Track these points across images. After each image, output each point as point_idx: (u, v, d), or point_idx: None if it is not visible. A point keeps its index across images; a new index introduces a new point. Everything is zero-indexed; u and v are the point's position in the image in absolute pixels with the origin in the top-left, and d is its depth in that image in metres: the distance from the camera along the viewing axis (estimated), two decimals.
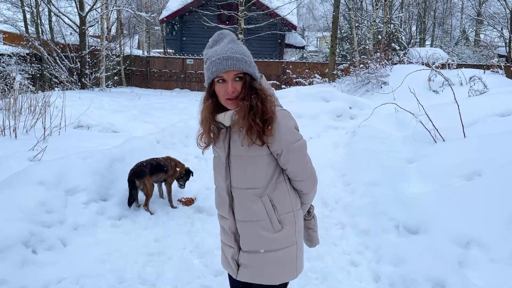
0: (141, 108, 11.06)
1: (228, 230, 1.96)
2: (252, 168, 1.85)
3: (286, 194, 1.91)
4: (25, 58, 15.63)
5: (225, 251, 2.02)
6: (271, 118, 1.77)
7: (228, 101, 1.78)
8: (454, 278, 2.92)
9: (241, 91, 1.76)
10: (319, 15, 38.97)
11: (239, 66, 1.72)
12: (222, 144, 1.91)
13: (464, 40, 28.57)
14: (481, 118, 5.57)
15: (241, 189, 1.88)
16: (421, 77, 9.38)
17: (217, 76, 1.74)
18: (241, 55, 1.74)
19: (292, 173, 1.90)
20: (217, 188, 2.03)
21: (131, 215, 4.35)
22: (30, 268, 3.14)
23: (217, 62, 1.72)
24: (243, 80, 1.76)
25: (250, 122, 1.75)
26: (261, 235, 1.87)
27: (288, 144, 1.81)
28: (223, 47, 1.76)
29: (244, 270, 1.91)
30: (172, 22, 22.93)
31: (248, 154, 1.82)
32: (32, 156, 5.27)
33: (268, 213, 1.86)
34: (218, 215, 2.06)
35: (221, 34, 1.87)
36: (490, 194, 3.67)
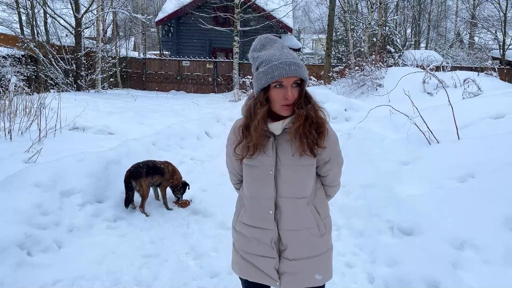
0: (137, 110, 11.05)
1: (268, 241, 1.89)
2: (303, 177, 1.85)
3: (324, 199, 2.00)
4: (20, 59, 15.58)
5: (258, 263, 1.93)
6: (325, 130, 1.81)
7: (284, 107, 1.74)
8: (448, 280, 2.95)
9: (298, 98, 1.74)
10: (314, 18, 39.12)
11: (300, 73, 1.70)
12: (270, 153, 1.83)
13: (458, 43, 28.77)
14: (475, 120, 5.61)
15: (292, 198, 1.85)
16: (416, 80, 9.44)
17: (276, 81, 1.69)
18: (300, 61, 1.73)
19: (330, 179, 1.97)
20: (255, 199, 1.92)
21: (127, 217, 4.34)
22: (25, 270, 3.13)
23: (279, 66, 1.67)
24: (300, 87, 1.75)
25: (305, 133, 1.75)
26: (311, 242, 1.89)
27: (335, 153, 1.91)
28: (281, 52, 1.73)
29: (290, 277, 1.90)
30: (168, 24, 22.93)
31: (300, 163, 1.81)
32: (27, 158, 5.26)
33: (316, 219, 1.91)
34: (245, 227, 1.97)
35: (268, 38, 1.82)
36: (484, 196, 3.69)
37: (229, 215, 4.46)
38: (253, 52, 1.82)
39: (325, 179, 1.97)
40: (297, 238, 1.88)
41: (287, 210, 1.86)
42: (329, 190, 2.02)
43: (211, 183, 5.50)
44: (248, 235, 1.95)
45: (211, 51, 22.82)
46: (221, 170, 6.11)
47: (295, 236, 1.88)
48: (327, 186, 2.00)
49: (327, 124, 1.82)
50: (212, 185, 5.41)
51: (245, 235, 1.97)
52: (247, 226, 1.96)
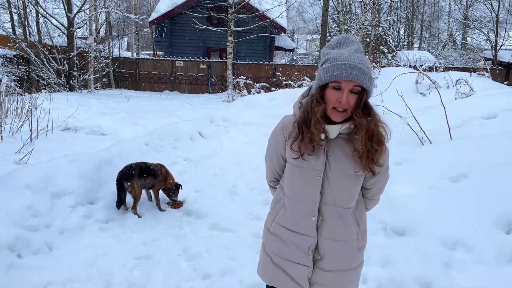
0: (130, 110, 10.99)
1: (305, 248, 1.81)
2: (354, 188, 1.79)
3: (364, 211, 1.93)
4: (12, 60, 15.46)
5: (290, 270, 1.85)
6: (384, 148, 1.73)
7: (334, 110, 1.66)
8: (441, 280, 2.95)
9: (354, 106, 1.64)
10: (308, 18, 39.18)
11: (362, 80, 1.59)
12: (321, 157, 1.75)
13: (451, 43, 28.96)
14: (468, 120, 5.63)
15: (337, 207, 1.78)
16: (409, 80, 9.46)
17: (335, 81, 1.61)
18: (368, 68, 1.61)
19: (373, 192, 1.91)
20: (297, 201, 1.84)
21: (119, 219, 4.31)
22: (15, 273, 3.10)
23: (342, 67, 1.58)
24: (359, 95, 1.64)
25: (365, 146, 1.68)
26: (349, 254, 1.83)
27: (385, 169, 1.83)
28: (351, 54, 1.62)
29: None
30: (162, 24, 22.85)
31: (351, 173, 1.75)
32: (18, 159, 5.21)
33: (357, 231, 1.85)
34: (284, 230, 1.88)
35: (347, 39, 1.73)
36: (476, 196, 3.71)
37: (222, 216, 4.47)
38: (327, 48, 1.74)
39: (369, 191, 1.89)
40: (336, 248, 1.81)
41: (331, 218, 1.79)
42: (369, 204, 1.95)
43: (204, 184, 5.47)
44: (285, 238, 1.87)
45: (205, 51, 22.78)
46: (215, 171, 6.11)
47: (335, 246, 1.81)
48: (368, 199, 1.93)
49: (386, 141, 1.74)
50: (206, 186, 5.39)
51: (281, 238, 1.88)
52: (285, 229, 1.88)
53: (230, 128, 8.62)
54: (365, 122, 1.65)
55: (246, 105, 9.77)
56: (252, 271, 3.39)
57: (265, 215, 4.63)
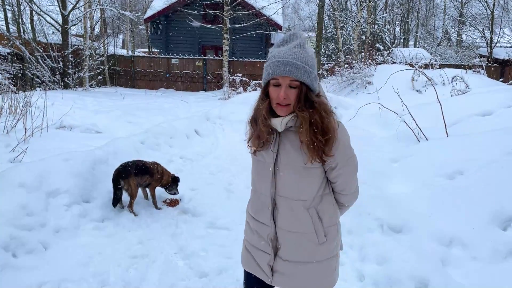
0: (125, 108, 10.93)
1: (265, 237, 1.89)
2: (303, 180, 1.79)
3: (331, 206, 1.89)
4: (6, 57, 15.33)
5: (256, 256, 1.95)
6: (332, 138, 1.71)
7: (278, 106, 1.72)
8: (437, 277, 2.95)
9: (295, 100, 1.69)
10: (304, 15, 39.13)
11: (296, 74, 1.64)
12: (270, 150, 1.82)
13: (446, 41, 29.02)
14: (463, 117, 5.65)
15: (289, 198, 1.82)
16: (405, 77, 9.49)
17: (273, 78, 1.68)
18: (303, 63, 1.65)
19: (339, 186, 1.87)
20: (257, 192, 1.95)
21: (114, 217, 4.28)
22: (10, 273, 3.07)
23: (276, 64, 1.65)
24: (298, 89, 1.68)
25: (312, 139, 1.69)
26: (306, 247, 1.84)
27: (343, 159, 1.79)
28: (288, 50, 1.68)
29: (282, 277, 1.88)
30: (157, 21, 22.75)
31: (301, 165, 1.76)
32: (12, 158, 5.17)
33: (315, 225, 1.83)
34: (252, 219, 1.98)
35: (293, 35, 1.78)
36: (472, 193, 3.72)
37: (218, 214, 4.45)
38: (273, 47, 1.80)
39: (335, 186, 1.88)
40: (291, 239, 1.85)
41: (284, 209, 1.84)
42: (341, 198, 1.92)
43: (200, 182, 5.45)
44: (252, 226, 1.98)
45: (200, 49, 22.71)
46: (211, 169, 6.09)
47: (289, 237, 1.85)
48: (339, 194, 1.91)
49: (335, 131, 1.72)
50: (202, 184, 5.37)
51: (250, 227, 2.00)
52: (252, 218, 1.99)
53: (226, 126, 8.59)
54: (306, 114, 1.67)
55: (242, 102, 9.75)
56: None
57: None
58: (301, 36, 1.77)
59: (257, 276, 1.96)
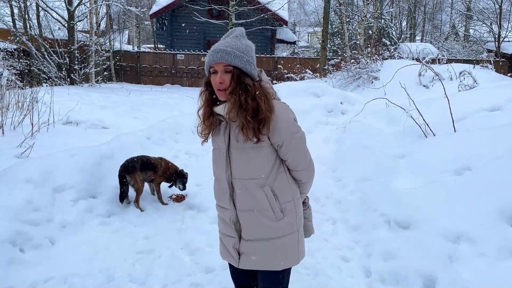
0: (131, 104, 10.94)
1: (228, 220, 2.02)
2: (253, 159, 1.91)
3: (286, 184, 1.99)
4: (13, 53, 15.40)
5: (225, 242, 2.08)
6: (267, 117, 1.82)
7: (218, 92, 1.85)
8: (444, 273, 2.93)
9: (229, 84, 1.81)
10: (310, 10, 38.96)
11: (226, 59, 1.79)
12: (222, 136, 1.96)
13: (454, 35, 28.76)
14: (471, 112, 5.58)
15: (243, 179, 1.94)
16: (412, 72, 9.41)
17: (210, 66, 1.83)
18: (233, 49, 1.80)
19: (292, 163, 1.98)
20: (217, 180, 2.08)
21: (120, 213, 4.30)
22: (17, 268, 3.09)
23: (210, 53, 1.82)
24: (231, 73, 1.81)
25: (242, 119, 1.82)
26: (264, 224, 1.95)
27: (288, 136, 1.89)
28: (223, 41, 1.87)
29: (247, 258, 1.99)
30: (162, 17, 22.72)
31: (247, 145, 1.88)
32: (19, 153, 5.19)
33: (270, 202, 1.94)
34: (217, 207, 2.12)
35: (232, 30, 1.95)
36: (479, 189, 3.68)
37: None
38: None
39: (288, 163, 1.98)
40: (250, 219, 1.96)
41: (240, 190, 1.96)
42: (297, 175, 2.02)
43: (206, 177, 5.43)
44: (219, 214, 2.13)
45: (205, 44, 22.66)
46: None
47: (248, 216, 1.96)
48: (293, 171, 2.01)
49: (271, 112, 1.82)
50: (207, 179, 5.33)
51: (218, 215, 2.14)
52: (217, 205, 2.13)
53: None
54: (234, 97, 1.79)
55: None
56: None
57: None
58: (240, 29, 1.96)
59: (228, 262, 2.08)
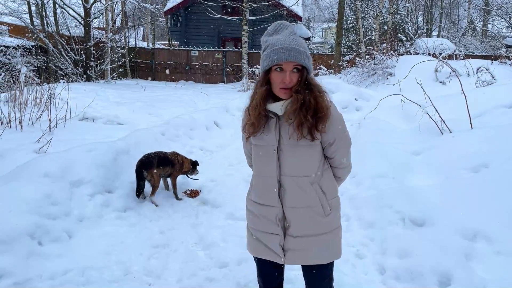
0: (146, 100, 11.05)
1: (273, 218, 1.99)
2: (306, 157, 1.92)
3: (332, 180, 2.06)
4: (31, 50, 15.64)
5: (264, 239, 2.05)
6: (325, 116, 1.86)
7: (282, 90, 1.84)
8: (460, 271, 2.90)
9: (296, 83, 1.82)
10: (324, 6, 38.64)
11: (300, 59, 1.78)
12: (272, 133, 1.93)
13: (471, 31, 28.24)
14: (489, 109, 5.50)
15: (294, 176, 1.94)
16: (428, 68, 9.29)
17: (276, 64, 1.79)
18: (303, 48, 1.81)
19: (337, 160, 2.03)
20: (261, 177, 2.05)
21: (136, 207, 4.35)
22: (35, 260, 3.15)
23: (280, 51, 1.77)
24: (300, 72, 1.82)
25: (301, 117, 1.82)
26: (314, 220, 1.97)
27: (340, 134, 1.96)
28: (286, 38, 1.82)
29: (294, 254, 1.99)
30: (177, 13, 22.83)
31: (300, 143, 1.88)
32: (37, 148, 5.28)
33: (320, 199, 1.97)
34: (255, 205, 2.08)
35: (281, 24, 1.92)
36: (497, 186, 3.63)
37: (237, 205, 4.47)
38: (265, 36, 1.93)
39: (332, 160, 2.03)
40: (300, 215, 1.96)
41: (290, 188, 1.95)
42: (338, 172, 2.08)
43: (220, 173, 5.48)
44: (256, 212, 2.07)
45: (220, 41, 22.70)
46: (230, 160, 6.11)
47: (298, 213, 1.96)
48: (335, 168, 2.06)
49: (328, 109, 1.87)
50: (221, 175, 5.40)
51: (254, 213, 2.09)
52: (255, 204, 2.08)
53: None
54: (300, 96, 1.81)
55: None
56: None
57: None
58: (290, 25, 1.94)
59: (269, 259, 2.06)
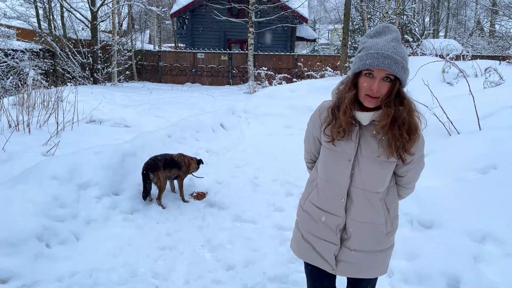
0: (153, 102, 11.09)
1: (334, 227, 1.90)
2: (380, 172, 1.82)
3: (395, 197, 1.96)
4: (38, 53, 15.76)
5: (318, 246, 1.96)
6: (417, 137, 1.75)
7: (367, 97, 1.70)
8: (469, 273, 2.87)
9: (385, 94, 1.68)
10: (330, 7, 38.63)
11: (393, 68, 1.63)
12: (352, 142, 1.81)
13: (478, 31, 28.04)
14: (497, 110, 5.46)
15: (366, 190, 1.83)
16: (435, 69, 9.22)
17: (367, 69, 1.66)
18: (401, 58, 1.65)
19: (406, 180, 1.92)
20: (329, 183, 1.91)
21: (143, 209, 4.36)
22: (43, 262, 3.17)
23: (374, 56, 1.63)
24: (391, 83, 1.67)
25: (394, 134, 1.70)
26: (376, 237, 1.89)
27: (420, 157, 1.84)
28: (386, 43, 1.67)
29: (347, 266, 1.92)
30: (183, 16, 22.89)
31: (382, 159, 1.78)
32: (45, 151, 5.32)
33: (385, 216, 1.89)
34: (315, 209, 1.97)
35: (386, 28, 1.76)
36: (506, 188, 3.59)
37: (244, 207, 4.47)
38: (365, 37, 1.79)
39: (402, 179, 1.92)
40: (362, 230, 1.88)
41: (358, 201, 1.85)
42: (403, 191, 1.98)
43: (226, 175, 5.48)
44: (315, 216, 1.97)
45: (225, 43, 22.73)
46: (236, 162, 6.11)
47: (361, 227, 1.88)
48: (401, 187, 1.96)
49: (419, 130, 1.75)
50: (228, 177, 5.40)
51: (312, 216, 1.98)
52: (316, 208, 1.97)
53: (251, 120, 8.60)
54: (391, 110, 1.67)
55: (267, 96, 9.72)
56: (274, 263, 3.39)
57: (287, 206, 4.61)
58: (396, 30, 1.75)
59: (317, 266, 1.99)
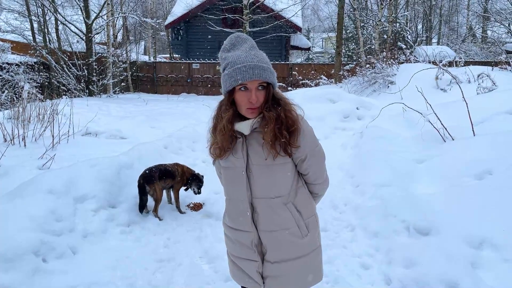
0: (149, 114, 11.09)
1: (248, 243, 1.87)
2: (277, 176, 1.80)
3: (307, 198, 1.93)
4: (33, 67, 15.78)
5: (243, 266, 1.92)
6: (297, 129, 1.75)
7: (249, 110, 1.71)
8: (467, 280, 2.88)
9: (263, 101, 1.71)
10: (324, 16, 38.92)
11: (265, 76, 1.66)
12: (240, 154, 1.80)
13: (471, 37, 28.33)
14: (491, 115, 5.50)
15: (266, 198, 1.81)
16: (429, 76, 9.30)
17: (241, 84, 1.66)
18: (266, 64, 1.69)
19: (312, 177, 1.91)
20: (232, 201, 1.92)
21: (140, 222, 4.35)
22: (41, 277, 3.15)
23: (243, 70, 1.64)
24: (265, 90, 1.71)
25: (275, 134, 1.71)
26: (291, 243, 1.84)
27: (311, 150, 1.82)
28: (247, 54, 1.69)
29: (273, 281, 1.87)
30: (178, 27, 23.02)
31: (272, 162, 1.76)
32: (41, 165, 5.31)
33: (296, 219, 1.84)
34: (230, 230, 1.95)
35: (238, 38, 1.78)
36: (502, 193, 3.61)
37: None
38: (222, 52, 1.79)
39: (307, 177, 1.91)
40: (275, 239, 1.84)
41: (263, 211, 1.83)
42: (315, 188, 1.96)
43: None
44: (232, 237, 1.95)
45: None
46: None
47: (273, 237, 1.84)
48: (311, 185, 1.94)
49: (298, 122, 1.76)
50: None
51: (230, 238, 1.97)
52: (230, 229, 1.95)
53: None
54: (272, 113, 1.70)
55: None
56: None
57: None
58: (247, 37, 1.80)
59: (247, 287, 1.94)
